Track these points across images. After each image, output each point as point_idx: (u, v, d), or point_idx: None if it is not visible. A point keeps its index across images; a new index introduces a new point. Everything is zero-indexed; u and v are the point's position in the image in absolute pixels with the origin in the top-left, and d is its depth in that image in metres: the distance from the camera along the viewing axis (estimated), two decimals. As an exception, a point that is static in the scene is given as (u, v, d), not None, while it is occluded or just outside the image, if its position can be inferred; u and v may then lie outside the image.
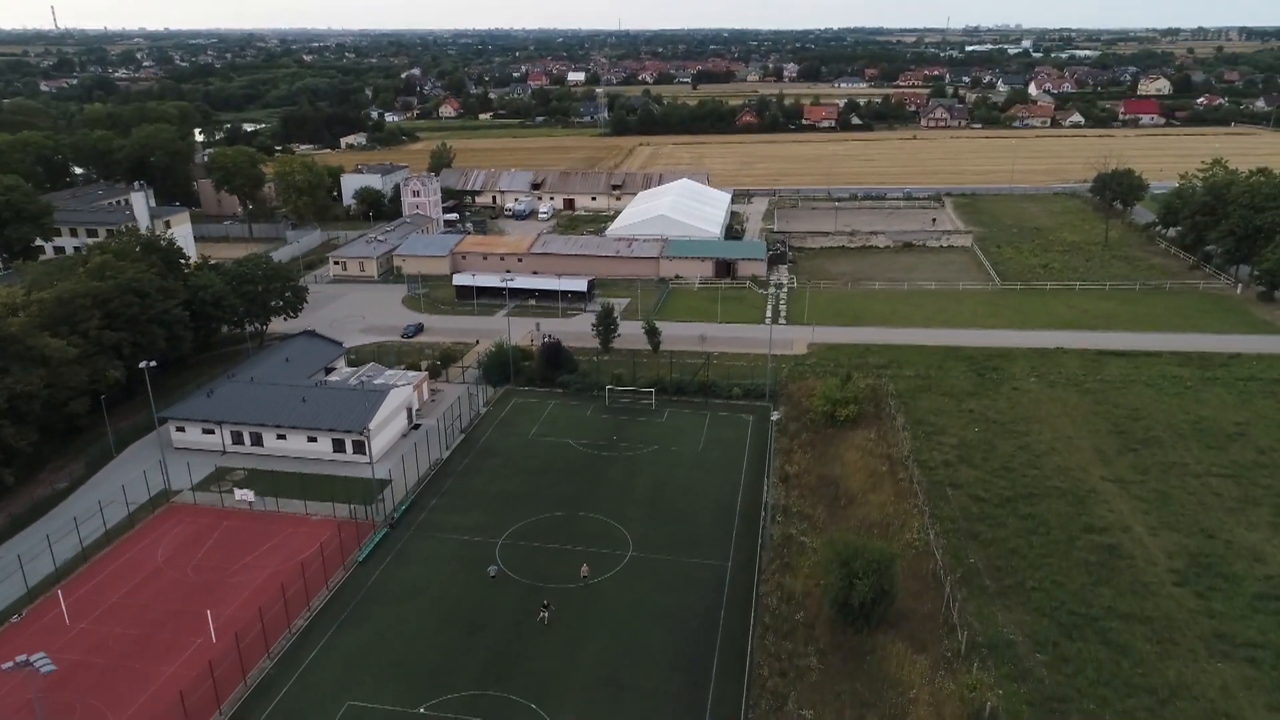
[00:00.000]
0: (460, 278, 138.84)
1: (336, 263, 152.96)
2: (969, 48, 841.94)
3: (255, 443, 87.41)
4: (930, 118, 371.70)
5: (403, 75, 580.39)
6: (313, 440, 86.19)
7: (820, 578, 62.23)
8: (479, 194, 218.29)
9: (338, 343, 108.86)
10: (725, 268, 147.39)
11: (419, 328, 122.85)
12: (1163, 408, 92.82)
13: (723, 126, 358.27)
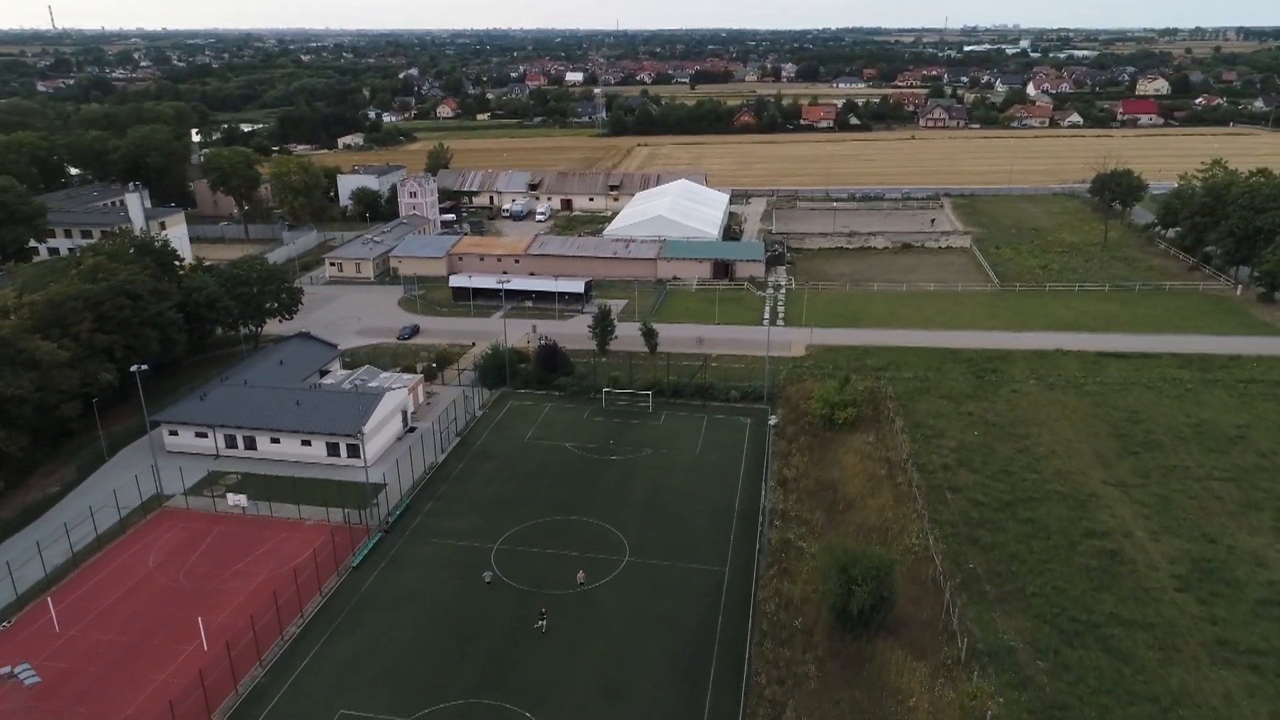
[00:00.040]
0: (457, 279, 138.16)
1: (333, 264, 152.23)
2: (967, 48, 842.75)
3: (249, 446, 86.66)
4: (928, 118, 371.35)
5: (400, 75, 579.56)
6: (306, 444, 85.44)
7: (819, 584, 61.60)
8: (476, 195, 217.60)
9: (333, 345, 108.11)
10: (723, 269, 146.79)
11: (415, 329, 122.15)
12: (1163, 410, 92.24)
13: (721, 127, 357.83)
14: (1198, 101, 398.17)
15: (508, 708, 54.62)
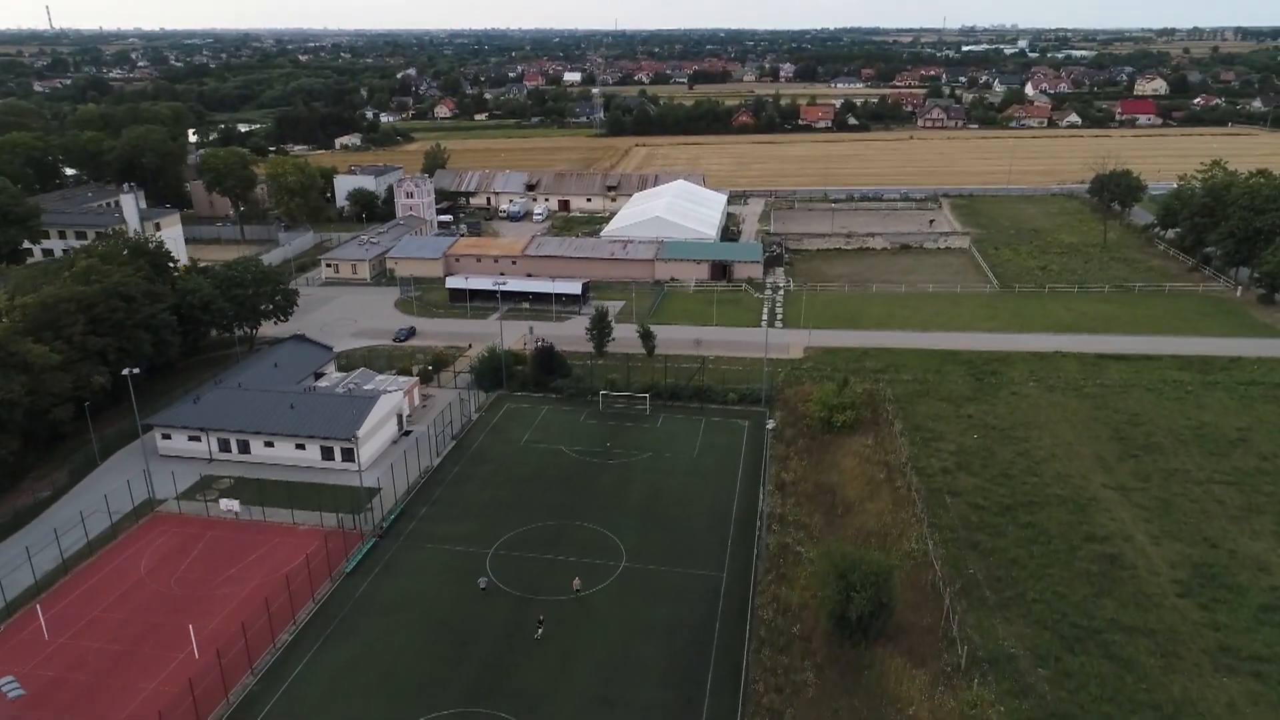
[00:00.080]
0: (453, 280, 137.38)
1: (328, 265, 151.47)
2: (965, 48, 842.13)
3: (242, 450, 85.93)
4: (927, 118, 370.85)
5: (398, 75, 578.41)
6: (301, 447, 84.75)
7: (817, 589, 60.99)
8: (473, 195, 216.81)
9: (328, 347, 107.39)
10: (721, 270, 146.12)
11: (411, 331, 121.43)
12: (1163, 413, 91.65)
13: (719, 127, 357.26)
14: (1196, 102, 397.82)
15: (503, 715, 53.95)
